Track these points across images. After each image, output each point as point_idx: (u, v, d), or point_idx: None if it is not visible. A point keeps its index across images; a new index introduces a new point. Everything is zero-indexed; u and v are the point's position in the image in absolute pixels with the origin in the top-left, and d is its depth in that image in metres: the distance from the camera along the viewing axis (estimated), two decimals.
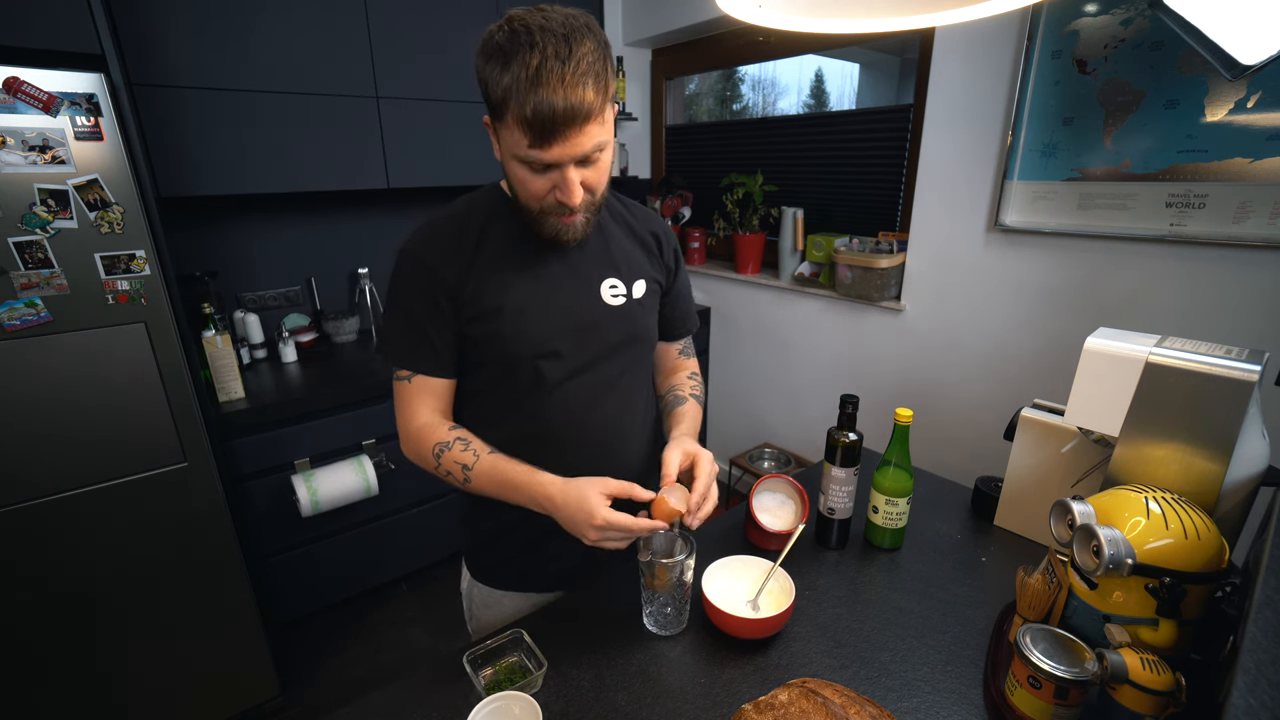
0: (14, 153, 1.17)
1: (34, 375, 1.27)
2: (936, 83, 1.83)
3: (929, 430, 2.02)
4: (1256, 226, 1.35)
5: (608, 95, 0.71)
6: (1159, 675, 0.58)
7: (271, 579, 1.86)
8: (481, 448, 0.84)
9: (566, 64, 0.66)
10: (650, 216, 0.99)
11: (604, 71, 0.70)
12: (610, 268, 0.90)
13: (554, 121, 0.68)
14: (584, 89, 0.67)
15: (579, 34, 0.68)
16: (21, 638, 1.37)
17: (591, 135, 0.71)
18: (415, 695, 0.77)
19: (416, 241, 0.84)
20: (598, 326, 0.88)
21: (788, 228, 2.38)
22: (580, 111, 0.68)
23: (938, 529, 1.07)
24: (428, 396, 0.87)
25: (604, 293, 0.89)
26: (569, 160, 0.72)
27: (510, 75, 0.67)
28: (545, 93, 0.66)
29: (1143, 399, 0.77)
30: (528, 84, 0.66)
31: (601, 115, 0.71)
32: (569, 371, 0.87)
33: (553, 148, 0.70)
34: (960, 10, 0.56)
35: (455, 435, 0.85)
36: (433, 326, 0.84)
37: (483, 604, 1.01)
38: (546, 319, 0.85)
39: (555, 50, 0.66)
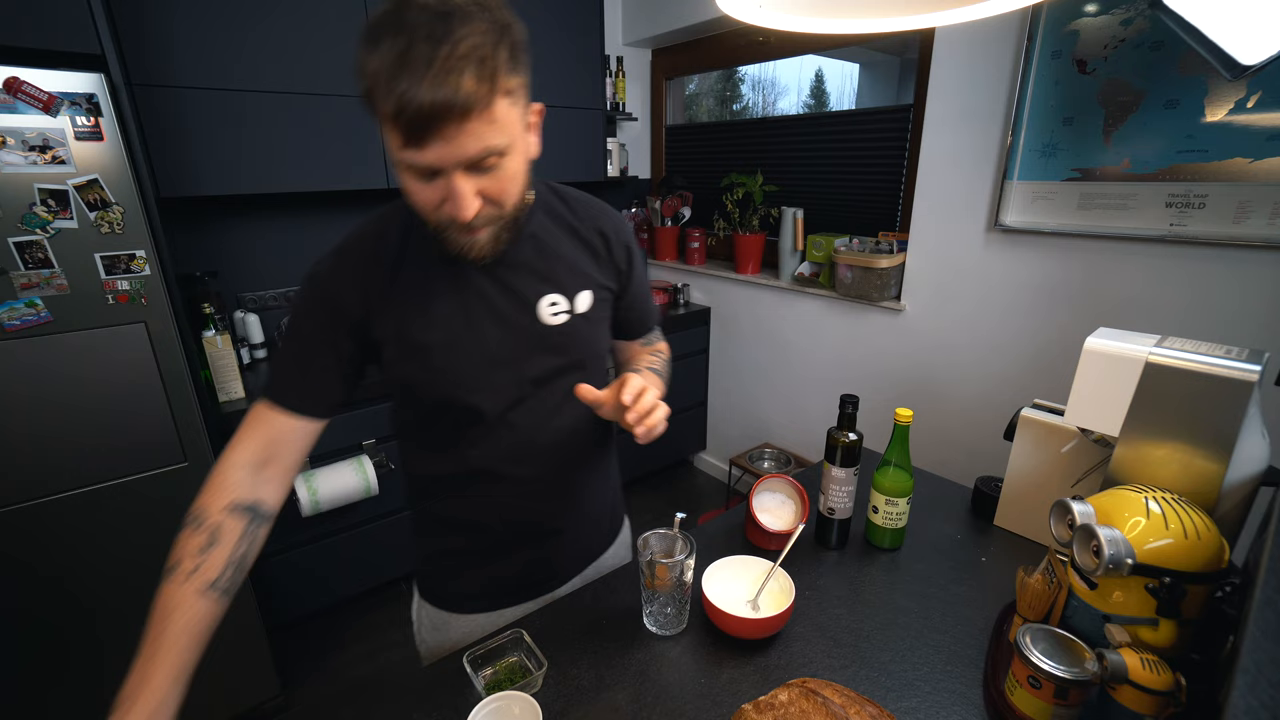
0: (14, 153, 1.17)
1: (34, 375, 1.27)
2: (936, 83, 1.83)
3: (929, 430, 2.02)
4: (1256, 226, 1.35)
5: (499, 87, 0.59)
6: (1159, 675, 0.58)
7: (271, 579, 1.86)
8: (210, 565, 0.68)
9: (439, 46, 0.55)
10: (598, 212, 0.86)
11: (494, 57, 0.58)
12: (549, 282, 0.79)
13: (421, 116, 0.56)
14: (460, 77, 0.56)
15: (466, 13, 0.57)
16: (21, 637, 1.37)
17: (475, 135, 0.59)
18: (415, 695, 0.77)
19: (321, 268, 0.74)
20: (538, 351, 0.80)
21: (788, 228, 2.38)
22: (454, 105, 0.56)
23: (938, 529, 1.07)
24: (257, 434, 0.72)
25: (543, 312, 0.79)
26: (453, 165, 0.60)
27: (376, 60, 0.56)
28: (410, 82, 0.55)
29: (1143, 399, 0.77)
30: (391, 71, 0.55)
31: (488, 111, 0.59)
32: (509, 402, 0.80)
33: (427, 149, 0.59)
34: (960, 10, 0.56)
35: (217, 519, 0.68)
36: (317, 363, 0.74)
37: (431, 627, 0.94)
38: (478, 352, 0.77)
39: (428, 31, 0.55)
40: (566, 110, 2.39)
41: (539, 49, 2.22)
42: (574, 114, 2.42)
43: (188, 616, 0.66)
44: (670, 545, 0.84)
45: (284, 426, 0.73)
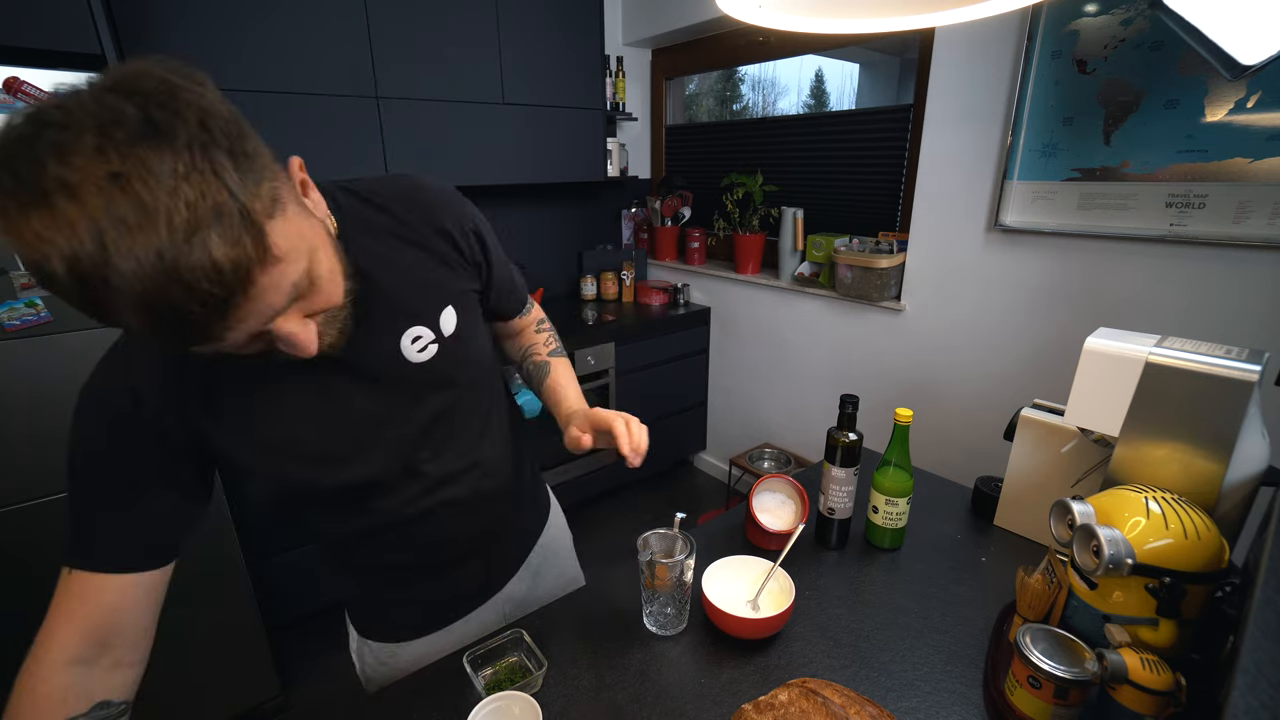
0: None
1: (34, 375, 1.27)
2: (936, 83, 1.83)
3: (929, 430, 2.02)
4: (1256, 226, 1.35)
5: (257, 217, 0.43)
6: (1159, 675, 0.58)
7: (271, 579, 1.86)
8: None
9: (148, 230, 0.38)
10: (426, 206, 0.70)
11: (221, 187, 0.41)
12: (404, 315, 0.66)
13: (188, 322, 0.41)
14: (205, 250, 0.39)
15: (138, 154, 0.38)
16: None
17: (275, 290, 0.45)
18: (415, 695, 0.77)
19: (100, 379, 0.59)
20: (419, 394, 0.69)
21: (788, 228, 2.38)
22: (224, 284, 0.41)
23: (938, 529, 1.07)
24: (87, 611, 0.59)
25: (407, 352, 0.67)
26: (265, 323, 0.48)
27: (64, 271, 0.38)
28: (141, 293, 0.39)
29: (1143, 399, 0.77)
30: (97, 284, 0.38)
31: (269, 262, 0.44)
32: (406, 459, 0.70)
33: (225, 338, 0.45)
34: (960, 10, 0.56)
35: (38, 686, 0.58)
36: (128, 499, 0.58)
37: (376, 662, 0.87)
38: (351, 425, 0.65)
39: (113, 214, 0.37)
40: (566, 110, 2.40)
41: (539, 49, 2.23)
42: (574, 114, 2.42)
43: None
44: (670, 545, 0.84)
45: (119, 593, 0.58)
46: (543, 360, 0.90)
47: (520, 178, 2.35)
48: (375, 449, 0.68)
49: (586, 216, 2.97)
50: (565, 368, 0.91)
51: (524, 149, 2.32)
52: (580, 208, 2.92)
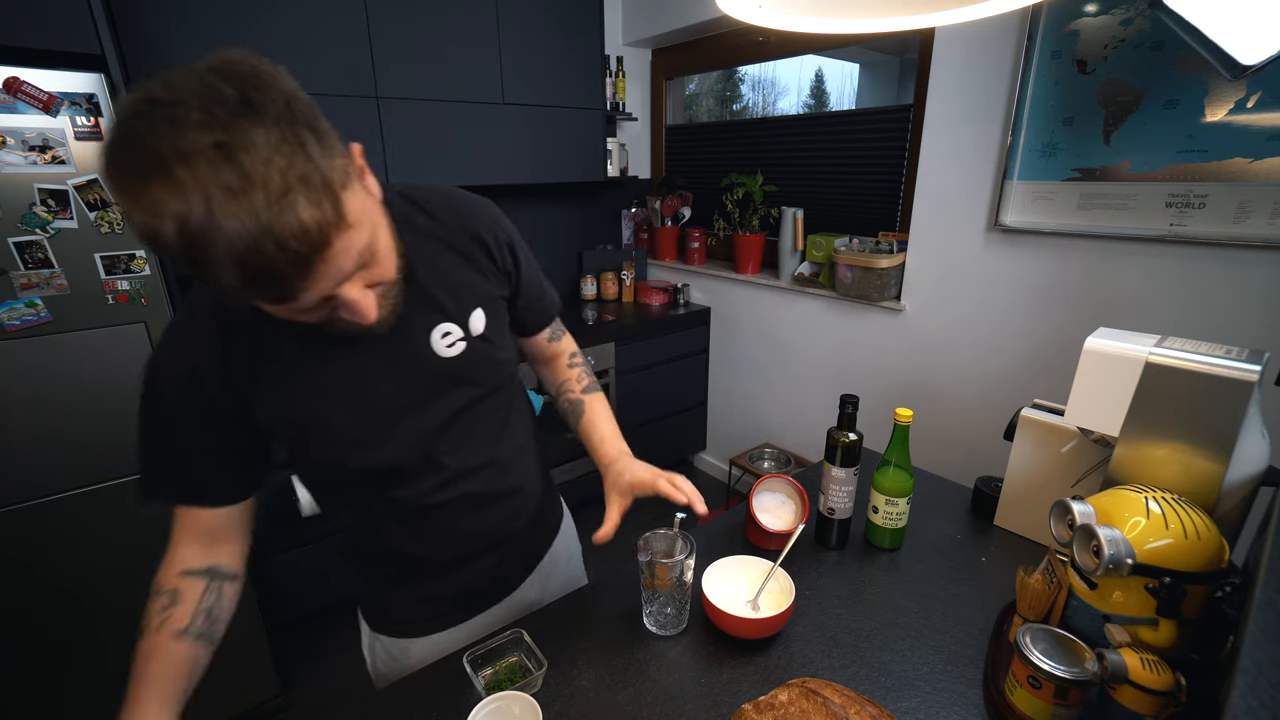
0: (14, 153, 1.17)
1: (34, 375, 1.27)
2: (936, 83, 1.83)
3: (929, 430, 2.02)
4: (1256, 226, 1.35)
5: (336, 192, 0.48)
6: (1159, 675, 0.58)
7: (271, 579, 1.86)
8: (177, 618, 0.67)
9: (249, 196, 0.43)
10: (465, 214, 0.75)
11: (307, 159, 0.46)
12: (437, 311, 0.71)
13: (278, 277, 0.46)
14: (295, 212, 0.45)
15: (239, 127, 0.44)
16: (20, 638, 1.37)
17: (346, 254, 0.51)
18: (415, 695, 0.77)
19: (170, 345, 0.64)
20: (443, 388, 0.73)
21: (788, 228, 2.38)
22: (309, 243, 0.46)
23: (938, 529, 1.07)
24: (187, 528, 0.71)
25: (437, 346, 0.71)
26: (335, 287, 0.53)
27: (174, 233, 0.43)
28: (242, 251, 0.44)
29: (1143, 399, 0.77)
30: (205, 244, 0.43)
31: (342, 226, 0.49)
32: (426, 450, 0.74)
33: (301, 298, 0.50)
34: (960, 10, 0.56)
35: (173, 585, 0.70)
36: (192, 446, 0.66)
37: (388, 657, 0.88)
38: (370, 410, 0.69)
39: (220, 181, 0.43)
40: (566, 110, 2.40)
41: (539, 49, 2.23)
42: (574, 114, 2.42)
43: (164, 657, 0.66)
44: (670, 545, 0.84)
45: (209, 517, 0.71)
46: (576, 399, 0.92)
47: (520, 178, 2.35)
48: (399, 436, 0.71)
49: (586, 216, 2.97)
50: (600, 405, 0.92)
51: (524, 149, 2.32)
52: (580, 208, 2.92)
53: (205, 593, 0.70)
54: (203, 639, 0.69)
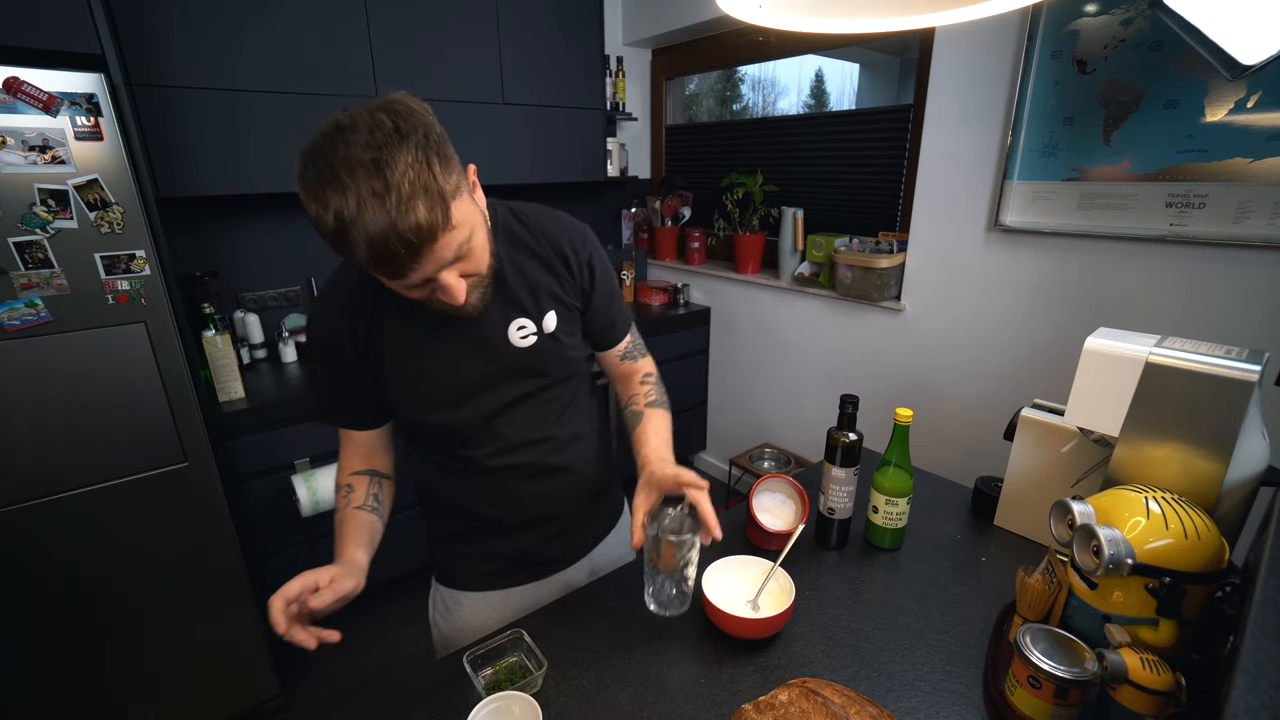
0: (14, 153, 1.17)
1: (34, 375, 1.27)
2: (936, 83, 1.83)
3: (929, 430, 2.02)
4: (1256, 226, 1.35)
5: (448, 201, 0.64)
6: (1159, 675, 0.58)
7: (272, 579, 1.86)
8: (356, 498, 0.89)
9: (386, 201, 0.59)
10: (557, 231, 0.89)
11: (434, 179, 0.62)
12: (516, 307, 0.85)
13: (395, 259, 0.63)
14: (414, 216, 0.61)
15: (390, 149, 0.60)
16: (20, 638, 1.37)
17: (445, 247, 0.66)
18: (415, 695, 0.77)
19: (318, 305, 0.85)
20: (512, 374, 0.86)
21: (788, 228, 2.38)
22: (423, 241, 0.63)
23: (938, 529, 1.07)
24: (349, 445, 0.93)
25: (512, 336, 0.85)
26: (435, 273, 0.68)
27: (331, 221, 0.61)
28: (372, 241, 0.61)
29: (1143, 399, 0.77)
30: (351, 233, 0.60)
31: (448, 227, 0.65)
32: (483, 421, 0.87)
33: (411, 275, 0.66)
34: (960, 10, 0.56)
35: (348, 481, 0.91)
36: (340, 385, 0.87)
37: (444, 608, 1.01)
38: (456, 381, 0.84)
39: (370, 190, 0.59)
40: (566, 110, 2.39)
41: (539, 49, 2.23)
42: (574, 114, 2.42)
43: (353, 521, 0.85)
44: (679, 525, 0.83)
45: (362, 438, 0.92)
46: (638, 410, 0.97)
47: (520, 178, 2.35)
48: (470, 406, 0.85)
49: (586, 216, 2.93)
50: (660, 418, 0.95)
51: (524, 149, 2.32)
52: (580, 208, 2.92)
53: (370, 484, 0.91)
54: (375, 512, 0.89)
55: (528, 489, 0.92)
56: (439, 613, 1.02)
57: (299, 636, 0.72)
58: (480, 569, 0.98)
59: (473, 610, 0.98)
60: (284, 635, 0.71)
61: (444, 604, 1.01)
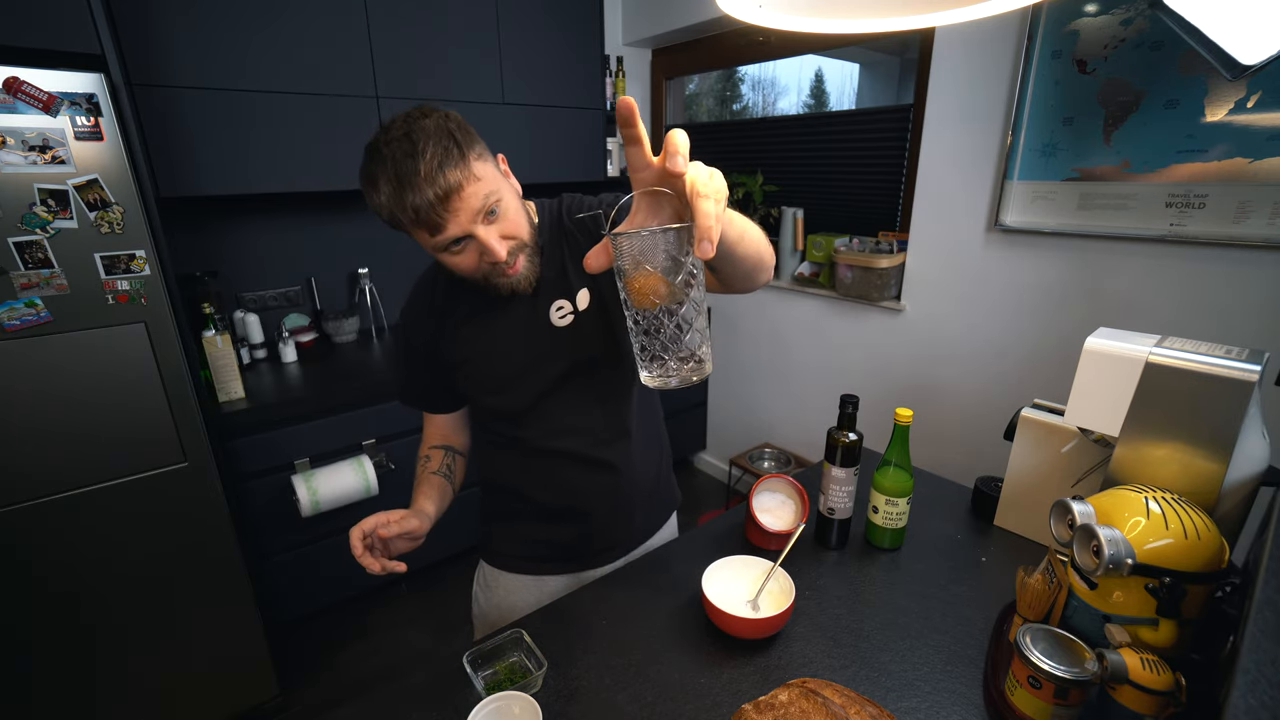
0: (14, 153, 1.17)
1: (34, 375, 1.27)
2: (936, 83, 1.83)
3: (929, 430, 2.02)
4: (1256, 226, 1.35)
5: (468, 158, 0.74)
6: (1159, 675, 0.58)
7: (272, 579, 1.86)
8: (431, 465, 0.99)
9: (417, 159, 0.71)
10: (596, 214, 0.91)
11: (454, 146, 0.73)
12: (554, 290, 0.90)
13: (432, 209, 0.73)
14: (441, 172, 0.72)
15: (415, 123, 0.74)
16: (21, 638, 1.37)
17: (473, 196, 0.74)
18: (415, 695, 0.77)
19: (405, 304, 0.98)
20: (553, 354, 0.90)
21: (788, 228, 2.38)
22: (448, 190, 0.72)
23: (938, 529, 1.07)
24: (430, 424, 1.05)
25: (553, 318, 0.90)
26: (471, 225, 0.76)
27: (381, 193, 0.74)
28: (411, 193, 0.72)
29: (1143, 399, 0.77)
30: (395, 194, 0.73)
31: (471, 178, 0.74)
32: (528, 403, 0.92)
33: (448, 227, 0.75)
34: (960, 10, 0.56)
35: (427, 453, 1.02)
36: (417, 373, 0.99)
37: (485, 585, 1.09)
38: (502, 360, 0.91)
39: (403, 152, 0.72)
40: (566, 110, 2.39)
41: (539, 49, 2.23)
42: (574, 114, 2.42)
43: (427, 484, 0.96)
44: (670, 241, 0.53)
45: (440, 419, 1.04)
46: None
47: (520, 178, 2.31)
48: (520, 386, 0.92)
49: None
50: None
51: (524, 149, 2.32)
52: None
53: (445, 456, 1.01)
54: (447, 478, 0.99)
55: (570, 477, 0.96)
56: (480, 587, 1.10)
57: (369, 561, 0.80)
58: (519, 551, 1.04)
59: (508, 590, 1.05)
60: (359, 558, 0.80)
61: (485, 580, 1.08)
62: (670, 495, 1.13)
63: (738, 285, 0.77)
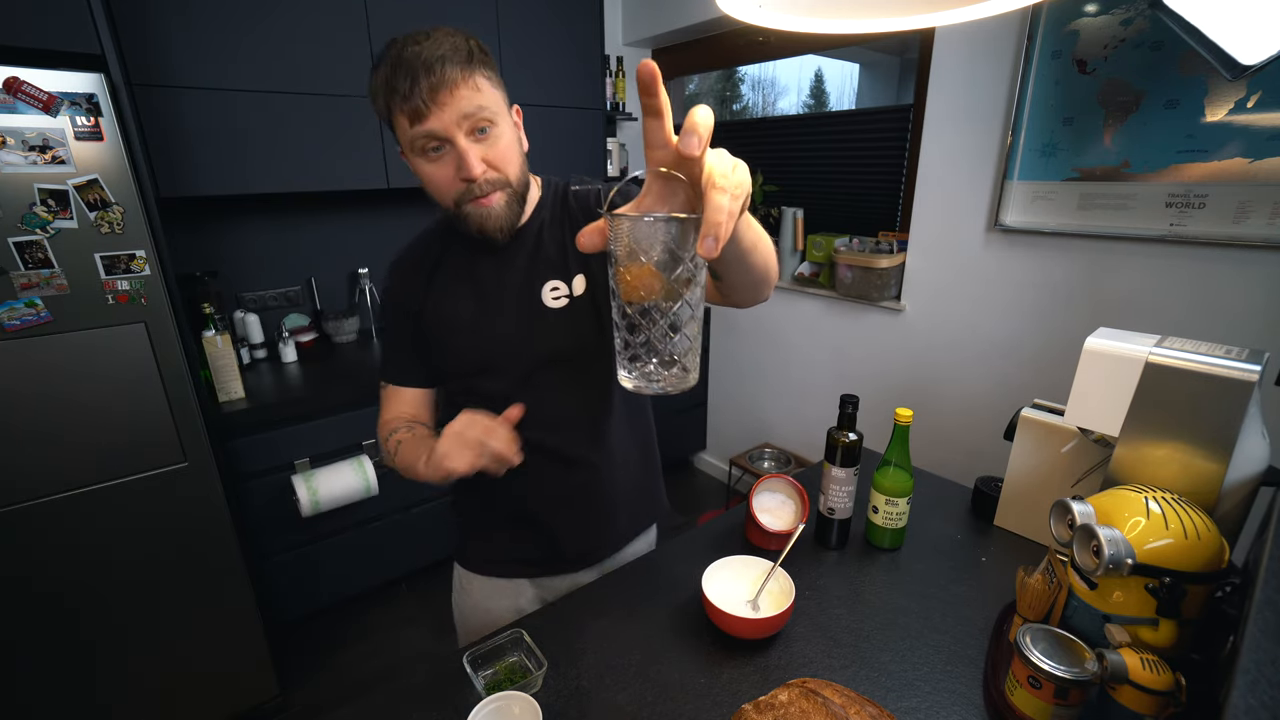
0: (14, 153, 1.17)
1: (34, 375, 1.27)
2: (936, 83, 1.83)
3: (929, 430, 2.02)
4: (1256, 226, 1.35)
5: (475, 62, 0.72)
6: (1159, 675, 0.58)
7: (271, 579, 1.86)
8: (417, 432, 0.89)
9: (423, 45, 0.70)
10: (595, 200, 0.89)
11: (465, 46, 0.72)
12: (550, 269, 0.87)
13: (421, 92, 0.70)
14: (443, 63, 0.70)
15: (440, 28, 0.74)
16: (21, 638, 1.37)
17: (466, 98, 0.72)
18: (415, 695, 0.77)
19: (390, 270, 0.94)
20: (538, 334, 0.86)
21: (788, 228, 2.38)
22: (444, 80, 0.70)
23: (938, 529, 1.07)
24: (395, 402, 0.95)
25: (545, 297, 0.86)
26: (455, 127, 0.72)
27: (380, 72, 0.72)
28: (406, 72, 0.70)
29: (1143, 399, 0.77)
30: (391, 70, 0.71)
31: (471, 79, 0.72)
32: (511, 384, 0.87)
33: (429, 118, 0.71)
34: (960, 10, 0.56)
35: (393, 426, 0.91)
36: (400, 343, 0.93)
37: (460, 588, 1.05)
38: (486, 335, 0.87)
39: (414, 39, 0.72)
40: (566, 110, 2.39)
41: (539, 49, 2.23)
42: (574, 114, 2.42)
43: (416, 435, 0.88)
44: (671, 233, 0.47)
45: (409, 395, 0.95)
46: None
47: None
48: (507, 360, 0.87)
49: None
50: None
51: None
52: None
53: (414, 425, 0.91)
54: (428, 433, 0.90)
55: (550, 472, 0.92)
56: (457, 591, 1.07)
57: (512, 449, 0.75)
58: (494, 554, 1.01)
59: (485, 594, 1.02)
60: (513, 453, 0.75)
61: (460, 584, 1.05)
62: (652, 506, 1.08)
63: (737, 298, 0.73)
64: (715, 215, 0.43)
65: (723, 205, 0.43)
